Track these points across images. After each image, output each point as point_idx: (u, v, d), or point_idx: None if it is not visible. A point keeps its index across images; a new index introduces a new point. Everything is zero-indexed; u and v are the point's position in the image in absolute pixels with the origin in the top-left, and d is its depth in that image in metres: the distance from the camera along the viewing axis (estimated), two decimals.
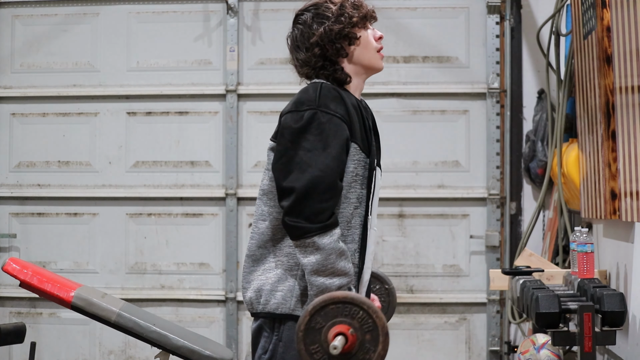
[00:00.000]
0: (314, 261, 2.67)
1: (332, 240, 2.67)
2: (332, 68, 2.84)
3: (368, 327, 2.56)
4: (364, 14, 2.89)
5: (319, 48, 2.83)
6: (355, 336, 2.56)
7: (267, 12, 5.55)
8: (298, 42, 2.86)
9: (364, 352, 2.57)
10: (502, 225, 5.42)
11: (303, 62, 2.86)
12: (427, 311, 5.47)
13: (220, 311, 5.53)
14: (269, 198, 2.80)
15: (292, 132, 2.72)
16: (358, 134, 2.77)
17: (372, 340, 2.57)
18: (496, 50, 5.42)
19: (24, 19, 5.67)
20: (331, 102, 2.74)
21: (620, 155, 3.75)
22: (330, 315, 2.56)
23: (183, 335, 3.51)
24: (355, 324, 2.56)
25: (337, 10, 2.85)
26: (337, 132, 2.71)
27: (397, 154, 5.48)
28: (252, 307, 2.80)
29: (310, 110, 2.72)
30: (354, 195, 2.76)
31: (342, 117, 2.73)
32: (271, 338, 2.77)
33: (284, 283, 2.76)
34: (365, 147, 2.80)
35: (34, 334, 5.49)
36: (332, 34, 2.82)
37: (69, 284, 3.57)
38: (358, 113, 2.80)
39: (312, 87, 2.79)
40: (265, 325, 2.78)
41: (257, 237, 2.81)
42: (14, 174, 5.67)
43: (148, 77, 5.62)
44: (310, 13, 2.86)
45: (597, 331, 3.34)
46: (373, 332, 2.56)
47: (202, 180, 5.58)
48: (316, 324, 2.56)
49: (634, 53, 3.45)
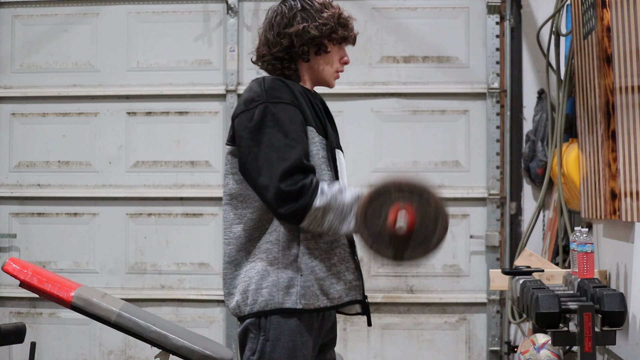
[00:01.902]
0: (332, 219, 2.68)
1: (326, 193, 2.68)
2: (287, 65, 2.85)
3: (410, 195, 2.66)
4: (346, 35, 2.89)
5: (288, 40, 2.83)
6: (409, 206, 2.65)
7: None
8: (275, 22, 2.86)
9: (427, 217, 2.66)
10: (502, 225, 5.42)
11: (267, 42, 2.86)
12: (427, 311, 5.47)
13: (220, 311, 5.53)
14: (239, 201, 2.80)
15: (249, 131, 2.73)
16: (310, 118, 2.78)
17: (422, 201, 2.66)
18: (496, 50, 5.42)
19: (24, 19, 5.67)
20: (277, 92, 2.75)
21: (620, 155, 3.75)
22: (377, 213, 2.65)
23: (183, 335, 3.51)
24: (400, 199, 2.66)
25: (325, 17, 2.84)
26: (292, 117, 2.73)
27: (397, 154, 5.48)
28: (240, 310, 2.77)
29: (260, 104, 2.74)
30: (326, 177, 2.77)
31: (292, 102, 2.75)
32: (258, 338, 2.75)
33: (267, 279, 2.74)
34: (320, 129, 2.80)
35: (34, 334, 5.48)
36: (307, 35, 2.82)
37: (69, 284, 3.58)
38: (305, 98, 2.81)
39: (256, 83, 2.81)
40: (251, 326, 2.76)
41: (234, 242, 2.80)
42: (14, 174, 5.67)
43: (148, 77, 5.61)
44: (302, 4, 2.85)
45: (597, 331, 3.34)
46: (416, 194, 2.66)
47: (202, 180, 5.58)
48: (373, 225, 2.65)
49: (634, 53, 3.45)
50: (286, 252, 2.74)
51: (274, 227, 2.76)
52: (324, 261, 2.76)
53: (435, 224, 2.66)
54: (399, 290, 5.46)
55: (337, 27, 2.85)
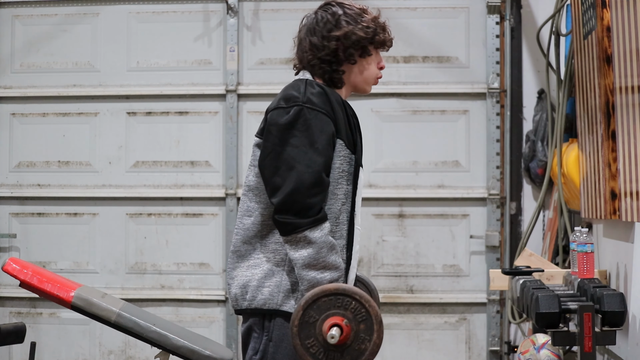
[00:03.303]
0: (305, 255, 2.67)
1: (322, 234, 2.68)
2: (335, 68, 2.85)
3: (362, 316, 2.60)
4: (386, 39, 2.93)
5: (335, 43, 2.84)
6: (349, 327, 2.60)
7: (267, 12, 5.55)
8: (317, 27, 2.86)
9: (360, 342, 2.61)
10: (502, 225, 5.42)
11: (312, 47, 2.85)
12: (427, 311, 5.47)
13: (220, 311, 5.54)
14: (254, 194, 2.81)
15: (279, 129, 2.73)
16: (343, 131, 2.78)
17: (367, 329, 2.61)
18: (496, 50, 5.42)
19: (24, 19, 5.67)
20: (317, 99, 2.75)
21: (620, 155, 3.75)
22: (324, 308, 2.60)
23: (183, 335, 3.51)
24: (348, 315, 2.60)
25: (368, 20, 2.88)
26: (323, 128, 2.73)
27: (397, 154, 5.48)
28: (237, 303, 2.80)
29: (297, 106, 2.74)
30: (341, 192, 2.78)
31: (327, 113, 2.75)
32: (261, 338, 2.76)
33: (271, 279, 2.75)
34: (350, 143, 2.81)
35: (34, 334, 5.49)
36: (353, 38, 2.84)
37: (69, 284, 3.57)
38: (342, 110, 2.81)
39: (298, 83, 2.82)
40: (255, 325, 2.77)
41: (242, 233, 2.82)
42: (14, 174, 5.67)
43: (148, 77, 5.62)
44: (343, 9, 2.88)
45: (597, 331, 3.34)
46: (367, 321, 2.60)
47: (202, 180, 5.58)
48: (310, 317, 2.59)
49: (634, 53, 3.45)
50: None
51: None
52: None
53: (371, 336, 2.63)
54: (399, 290, 5.46)
55: (379, 30, 2.90)
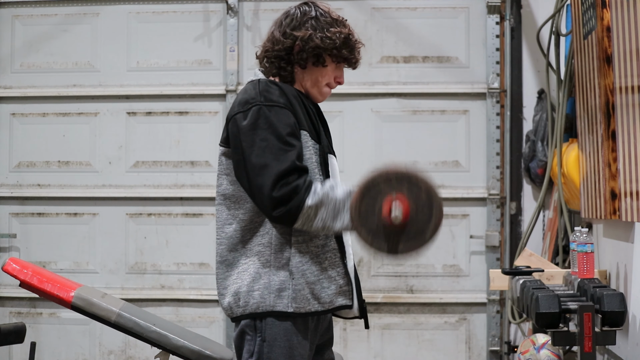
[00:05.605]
0: (325, 216, 2.68)
1: (319, 192, 2.68)
2: (284, 65, 2.85)
3: (413, 187, 2.66)
4: (348, 57, 2.89)
5: (291, 41, 2.83)
6: (405, 197, 2.65)
7: (267, 12, 5.55)
8: (284, 21, 2.87)
9: (422, 212, 2.65)
10: (502, 225, 5.42)
11: (272, 38, 2.87)
12: (427, 311, 5.47)
13: (220, 311, 5.53)
14: (232, 202, 2.80)
15: (243, 132, 2.74)
16: (304, 122, 2.79)
17: (425, 198, 2.66)
18: (496, 50, 5.42)
19: (24, 19, 5.67)
20: (271, 95, 2.76)
21: (620, 155, 3.75)
22: (372, 202, 2.65)
23: (183, 335, 3.51)
24: (402, 189, 2.66)
25: (333, 32, 2.84)
26: (284, 120, 2.73)
27: (397, 154, 5.48)
28: (232, 311, 2.79)
29: (254, 106, 2.74)
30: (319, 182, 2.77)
31: (285, 106, 2.75)
32: (255, 340, 2.75)
33: (259, 281, 2.75)
34: (313, 133, 2.81)
35: (34, 334, 5.49)
36: (309, 43, 2.83)
37: (69, 284, 3.58)
38: (299, 101, 2.81)
39: (251, 85, 2.82)
40: (247, 328, 2.77)
41: (226, 242, 2.81)
42: (14, 174, 5.67)
43: (148, 77, 5.62)
44: (316, 13, 2.86)
45: (597, 331, 3.34)
46: (420, 190, 2.66)
47: (202, 180, 5.58)
48: (366, 212, 2.64)
49: (634, 53, 3.45)
50: (278, 255, 2.75)
51: (266, 229, 2.76)
52: (315, 265, 2.76)
53: (430, 208, 2.66)
54: (399, 290, 5.46)
55: (342, 46, 2.85)
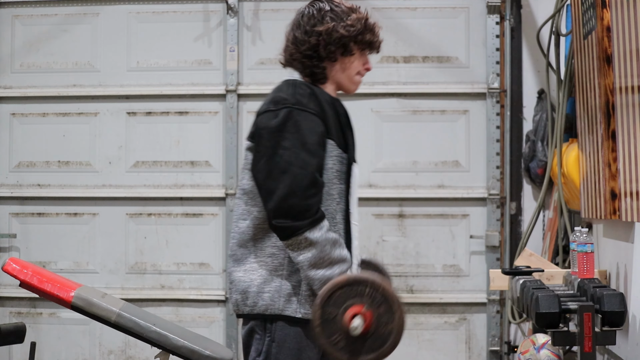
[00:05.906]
0: (309, 256, 2.67)
1: (323, 232, 2.67)
2: (316, 63, 2.84)
3: (379, 300, 2.57)
4: (372, 40, 2.89)
5: (316, 38, 2.82)
6: (370, 312, 2.57)
7: (267, 12, 5.55)
8: (302, 21, 2.86)
9: (384, 325, 2.58)
10: (502, 225, 5.42)
11: (295, 40, 2.86)
12: (427, 311, 5.47)
13: (220, 311, 5.53)
14: (249, 197, 2.80)
15: (269, 132, 2.73)
16: (333, 130, 2.78)
17: (387, 311, 2.58)
18: (496, 50, 5.42)
19: (24, 19, 5.67)
20: (305, 99, 2.75)
21: (620, 155, 3.75)
22: (340, 301, 2.58)
23: (183, 335, 3.51)
24: (366, 301, 2.57)
25: (353, 20, 2.85)
26: (314, 129, 2.72)
27: (397, 154, 5.48)
28: (238, 308, 2.80)
29: (286, 108, 2.73)
30: (335, 191, 2.78)
31: (317, 114, 2.74)
32: (264, 340, 2.76)
33: (270, 284, 2.75)
34: (341, 142, 2.80)
35: (34, 334, 5.48)
36: (334, 35, 2.82)
37: (69, 284, 3.57)
38: (332, 109, 2.81)
39: (285, 85, 2.81)
40: (257, 327, 2.77)
41: (237, 237, 2.81)
42: (14, 174, 5.67)
43: (148, 77, 5.61)
44: (330, 6, 2.86)
45: (597, 331, 3.34)
46: (385, 303, 2.57)
47: (202, 180, 5.58)
48: (329, 314, 2.58)
49: (634, 53, 3.45)
50: (291, 260, 2.74)
51: None
52: None
53: (391, 342, 2.59)
54: (399, 290, 5.46)
55: (365, 31, 2.86)
